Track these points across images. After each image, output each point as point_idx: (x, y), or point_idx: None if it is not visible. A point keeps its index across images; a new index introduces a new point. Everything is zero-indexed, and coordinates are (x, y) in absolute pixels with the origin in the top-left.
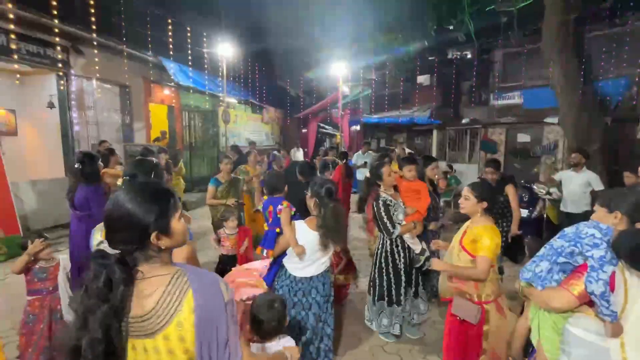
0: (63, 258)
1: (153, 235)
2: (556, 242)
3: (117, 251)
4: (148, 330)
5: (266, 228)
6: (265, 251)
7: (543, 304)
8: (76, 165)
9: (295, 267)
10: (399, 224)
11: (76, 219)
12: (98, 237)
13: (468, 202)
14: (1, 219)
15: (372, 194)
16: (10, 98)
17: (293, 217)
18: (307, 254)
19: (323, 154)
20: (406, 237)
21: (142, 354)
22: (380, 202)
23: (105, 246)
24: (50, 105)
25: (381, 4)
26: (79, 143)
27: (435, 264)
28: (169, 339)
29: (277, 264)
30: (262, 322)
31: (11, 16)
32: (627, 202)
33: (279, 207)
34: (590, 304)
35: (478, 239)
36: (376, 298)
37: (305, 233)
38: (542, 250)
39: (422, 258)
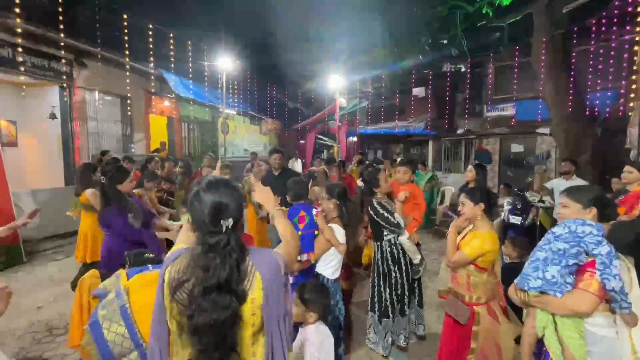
0: None
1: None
2: (554, 244)
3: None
4: None
5: (299, 233)
6: (305, 255)
7: (568, 310)
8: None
9: (331, 270)
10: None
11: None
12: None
13: (466, 207)
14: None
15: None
16: (11, 109)
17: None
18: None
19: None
20: (407, 246)
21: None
22: (375, 203)
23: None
24: (52, 117)
25: (378, 20)
26: (80, 154)
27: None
28: (242, 315)
29: (304, 277)
30: (308, 303)
31: (19, 30)
32: (599, 199)
33: (315, 210)
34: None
35: (471, 239)
36: (369, 309)
37: (340, 233)
38: (540, 255)
39: (422, 269)
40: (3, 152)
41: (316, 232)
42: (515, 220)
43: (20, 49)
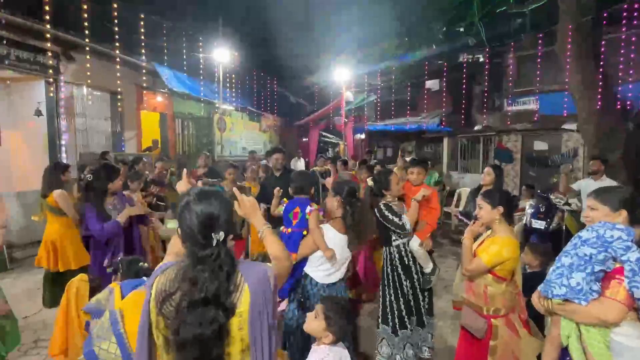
0: None
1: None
2: (580, 249)
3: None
4: None
5: (289, 230)
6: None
7: (594, 319)
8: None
9: (322, 273)
10: (405, 234)
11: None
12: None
13: (483, 210)
14: None
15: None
16: None
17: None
18: (336, 258)
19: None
20: (418, 253)
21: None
22: (382, 206)
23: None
24: (38, 113)
25: (388, 7)
26: (67, 152)
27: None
28: (231, 327)
29: (293, 276)
30: (330, 321)
31: (2, 21)
32: (629, 201)
33: (308, 208)
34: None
35: (489, 245)
36: (380, 321)
37: (334, 236)
38: (565, 261)
39: (434, 278)
40: None
41: (304, 232)
42: (539, 224)
43: (4, 42)
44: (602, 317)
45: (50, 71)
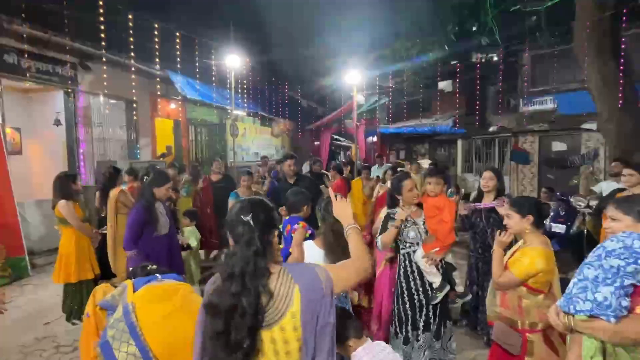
0: None
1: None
2: (606, 261)
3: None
4: (266, 322)
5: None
6: None
7: (624, 338)
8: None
9: None
10: (410, 243)
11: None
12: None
13: (511, 220)
14: (7, 240)
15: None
16: (15, 116)
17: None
18: None
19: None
20: (422, 266)
21: (259, 345)
22: (384, 217)
23: None
24: (57, 123)
25: (399, 8)
26: (85, 161)
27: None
28: (285, 329)
29: None
30: (342, 336)
31: (24, 35)
32: None
33: (295, 226)
34: None
35: (520, 257)
36: (392, 332)
37: (312, 251)
38: (589, 273)
39: (440, 295)
40: (7, 161)
41: (290, 250)
42: (559, 228)
43: (25, 55)
44: (633, 337)
45: (69, 82)
